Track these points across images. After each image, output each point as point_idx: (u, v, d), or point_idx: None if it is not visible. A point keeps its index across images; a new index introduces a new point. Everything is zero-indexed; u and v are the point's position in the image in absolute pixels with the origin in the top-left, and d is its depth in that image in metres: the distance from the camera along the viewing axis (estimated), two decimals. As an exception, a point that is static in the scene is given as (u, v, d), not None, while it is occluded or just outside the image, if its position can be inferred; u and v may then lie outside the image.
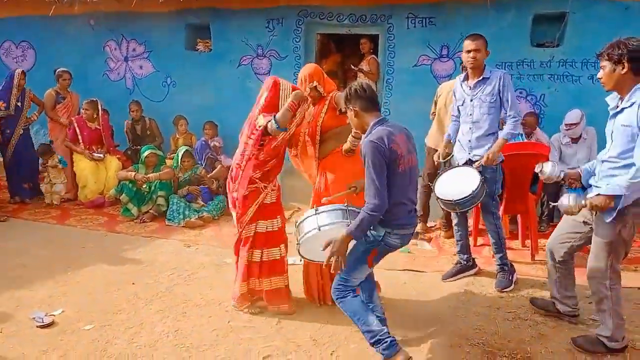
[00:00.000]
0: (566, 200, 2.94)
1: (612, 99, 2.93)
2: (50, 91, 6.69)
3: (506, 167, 4.13)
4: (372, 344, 2.79)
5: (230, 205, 3.59)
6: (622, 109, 2.80)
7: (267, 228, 3.52)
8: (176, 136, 7.16)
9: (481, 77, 3.85)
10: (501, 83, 3.80)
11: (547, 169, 3.13)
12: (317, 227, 2.88)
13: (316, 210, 2.96)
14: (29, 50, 8.24)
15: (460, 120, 4.05)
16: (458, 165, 3.99)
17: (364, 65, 6.94)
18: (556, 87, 6.10)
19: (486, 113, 3.87)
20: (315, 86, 3.53)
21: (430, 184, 4.02)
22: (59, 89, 6.72)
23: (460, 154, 4.05)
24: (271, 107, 3.38)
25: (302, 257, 3.05)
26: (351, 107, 2.84)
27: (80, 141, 6.45)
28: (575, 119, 5.25)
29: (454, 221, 4.19)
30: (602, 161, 2.93)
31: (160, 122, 7.29)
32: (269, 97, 3.40)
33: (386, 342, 2.75)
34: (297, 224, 3.03)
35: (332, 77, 7.67)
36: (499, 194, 4.04)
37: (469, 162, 3.94)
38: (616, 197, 2.76)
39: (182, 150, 6.21)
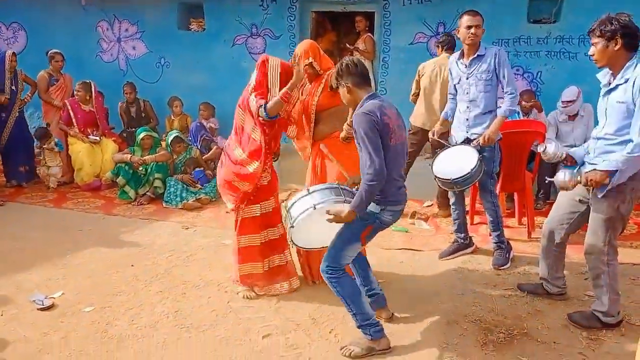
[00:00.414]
0: (562, 175, 2.93)
1: (603, 76, 2.93)
2: (43, 73, 6.60)
3: (503, 145, 4.12)
4: (361, 326, 2.83)
5: (220, 188, 3.57)
6: (617, 86, 2.79)
7: (262, 210, 3.52)
8: (171, 117, 7.11)
9: (476, 55, 3.81)
10: (497, 60, 3.76)
11: (551, 149, 3.09)
12: (312, 206, 2.75)
13: (308, 190, 2.87)
14: (20, 31, 8.11)
15: (457, 98, 4.03)
16: (456, 144, 3.98)
17: (360, 44, 6.87)
18: (553, 64, 6.07)
19: (482, 91, 3.83)
20: (311, 63, 3.48)
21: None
22: (51, 71, 6.63)
23: (458, 133, 4.04)
24: (261, 86, 3.33)
25: (294, 244, 2.95)
26: (343, 83, 2.81)
27: (75, 124, 6.38)
28: (572, 95, 5.22)
29: (451, 200, 4.20)
30: (597, 138, 2.92)
31: (155, 103, 7.23)
32: (258, 76, 3.35)
33: (378, 325, 2.85)
34: (287, 208, 2.89)
35: (328, 56, 7.61)
36: (496, 172, 4.04)
37: (467, 141, 3.92)
38: (611, 173, 2.76)
39: (171, 136, 6.14)
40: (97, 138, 6.39)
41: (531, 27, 6.09)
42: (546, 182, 3.22)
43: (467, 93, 3.90)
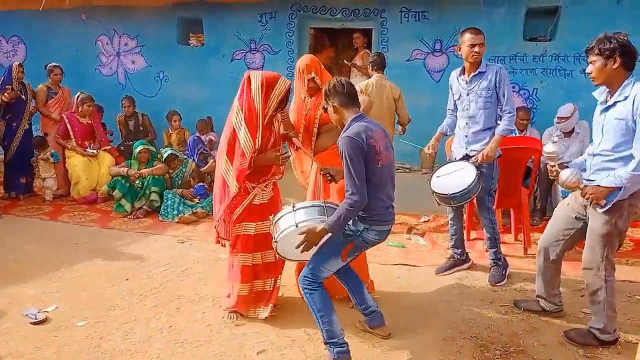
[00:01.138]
0: (569, 174, 2.90)
1: (599, 94, 2.95)
2: (42, 86, 6.63)
3: (499, 161, 4.14)
4: (327, 343, 2.81)
5: (214, 202, 3.44)
6: (615, 103, 2.82)
7: (255, 230, 3.33)
8: (169, 131, 7.13)
9: (477, 72, 3.83)
10: (498, 77, 3.77)
11: (550, 147, 3.09)
12: (294, 224, 2.79)
13: (293, 206, 2.90)
14: (20, 45, 8.18)
15: (458, 115, 4.04)
16: (455, 160, 3.99)
17: (358, 60, 6.94)
18: (549, 81, 6.12)
19: (482, 108, 3.84)
20: (313, 77, 3.52)
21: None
22: (50, 84, 6.66)
23: (457, 149, 4.05)
24: (250, 111, 3.18)
25: (279, 255, 2.96)
26: (330, 103, 2.84)
27: (72, 137, 6.40)
28: (567, 112, 5.26)
29: (449, 216, 4.20)
30: (594, 155, 2.94)
31: (153, 117, 7.27)
32: (246, 96, 3.20)
33: (343, 347, 2.80)
34: (273, 221, 2.93)
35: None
36: (494, 189, 4.05)
37: (466, 157, 3.93)
38: (613, 190, 2.78)
39: (165, 154, 6.14)
40: (95, 151, 6.40)
41: (527, 45, 6.17)
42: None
43: (467, 109, 3.91)
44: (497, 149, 3.87)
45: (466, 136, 3.95)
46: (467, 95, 3.89)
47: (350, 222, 2.80)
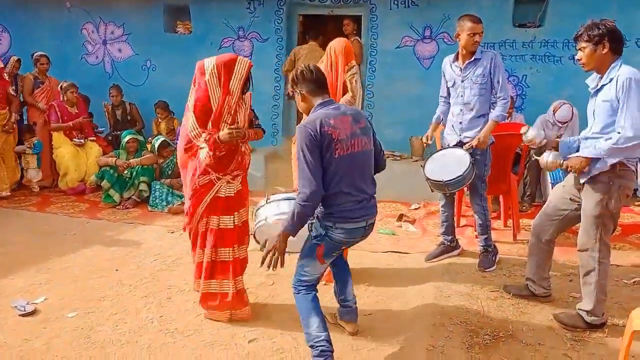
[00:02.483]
0: (546, 156, 3.05)
1: (591, 80, 3.00)
2: (29, 75, 6.54)
3: (491, 148, 4.14)
4: (310, 346, 2.66)
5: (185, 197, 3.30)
6: (602, 86, 2.88)
7: (219, 224, 3.13)
8: (158, 120, 7.06)
9: (472, 58, 3.81)
10: (492, 64, 3.77)
11: (530, 133, 3.25)
12: (264, 218, 2.86)
13: (267, 199, 2.90)
14: (4, 33, 8.01)
15: (451, 101, 4.03)
16: (448, 147, 3.99)
17: (347, 47, 6.88)
18: (538, 67, 6.13)
19: (477, 94, 3.83)
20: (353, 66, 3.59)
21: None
22: (37, 74, 6.58)
23: (450, 136, 4.04)
24: (202, 101, 3.05)
25: (258, 242, 2.91)
26: (298, 91, 2.70)
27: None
28: (567, 116, 5.29)
29: (440, 202, 4.21)
30: (585, 138, 2.99)
31: (141, 106, 7.19)
32: (200, 91, 3.08)
33: (317, 349, 2.59)
34: (254, 210, 2.96)
35: (315, 59, 7.60)
36: (487, 176, 4.05)
37: (460, 144, 3.93)
38: (593, 161, 2.86)
39: (157, 141, 6.10)
40: (82, 141, 6.33)
41: (516, 31, 6.15)
42: (532, 159, 3.30)
43: (462, 96, 3.90)
44: (491, 136, 3.88)
45: (460, 123, 3.94)
46: (462, 82, 3.88)
47: (315, 222, 2.66)
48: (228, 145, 3.03)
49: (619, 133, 2.76)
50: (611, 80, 2.81)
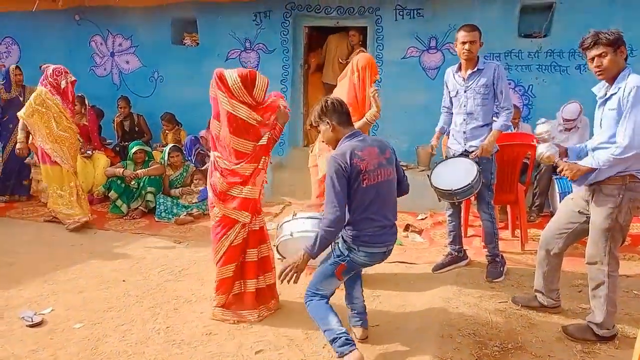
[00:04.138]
0: (545, 149, 3.05)
1: (598, 89, 2.97)
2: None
3: (496, 157, 4.14)
4: (330, 342, 2.75)
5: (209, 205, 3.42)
6: (611, 95, 2.85)
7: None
8: (165, 131, 7.10)
9: (475, 69, 3.83)
10: (496, 75, 3.78)
11: (541, 127, 3.33)
12: (289, 233, 3.14)
13: (294, 215, 3.09)
14: (13, 46, 8.14)
15: (454, 111, 4.03)
16: (454, 156, 3.99)
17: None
18: (544, 77, 6.13)
19: (480, 105, 3.85)
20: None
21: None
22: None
23: (455, 146, 4.04)
24: (239, 99, 3.15)
25: (281, 255, 3.14)
26: (327, 121, 2.81)
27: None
28: (574, 114, 5.28)
29: (447, 212, 4.20)
30: (593, 149, 2.96)
31: (148, 117, 7.25)
32: (228, 94, 3.15)
33: (341, 338, 2.69)
34: (279, 225, 3.24)
35: (320, 71, 7.65)
36: (493, 184, 4.05)
37: (465, 154, 3.93)
38: (590, 171, 2.85)
39: (169, 146, 6.14)
40: (90, 152, 6.37)
41: (522, 41, 6.16)
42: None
43: (465, 106, 3.91)
44: (495, 145, 3.88)
45: (464, 132, 3.95)
46: (465, 92, 3.89)
47: (339, 243, 2.81)
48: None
49: (617, 143, 2.74)
50: (619, 89, 2.78)
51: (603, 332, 2.99)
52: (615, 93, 2.81)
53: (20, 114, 5.21)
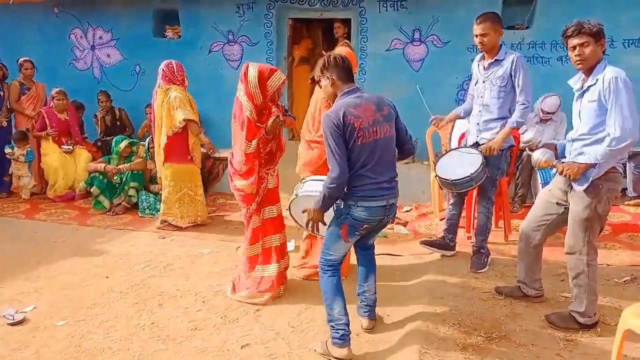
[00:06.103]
0: (539, 154, 3.06)
1: (574, 82, 3.01)
2: (15, 82, 6.46)
3: (511, 153, 4.13)
4: (329, 321, 2.87)
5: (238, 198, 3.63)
6: (589, 87, 2.87)
7: (269, 214, 3.62)
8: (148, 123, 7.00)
9: (494, 59, 3.76)
10: (513, 66, 3.68)
11: (527, 135, 3.35)
12: (295, 194, 3.16)
13: (303, 180, 3.21)
14: (-10, 40, 7.95)
15: (474, 101, 3.98)
16: (465, 146, 3.99)
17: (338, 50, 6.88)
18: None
19: (496, 97, 3.77)
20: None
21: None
22: (22, 80, 6.50)
23: (469, 136, 4.03)
24: (250, 97, 3.38)
25: (292, 217, 3.25)
26: (328, 76, 2.82)
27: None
28: (554, 107, 5.33)
29: (450, 201, 4.19)
30: (572, 140, 2.99)
31: (130, 111, 7.14)
32: (245, 88, 3.40)
33: (338, 332, 2.80)
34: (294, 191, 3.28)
35: (304, 64, 7.62)
36: (498, 179, 4.01)
37: (476, 144, 3.92)
38: (589, 167, 2.85)
39: (147, 138, 6.03)
40: (70, 147, 6.26)
41: (505, 33, 6.14)
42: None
43: (482, 97, 3.87)
44: (510, 138, 3.83)
45: (478, 124, 3.92)
46: (483, 82, 3.85)
47: (339, 202, 2.83)
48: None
49: (610, 136, 2.75)
50: (597, 81, 2.81)
51: (585, 320, 3.04)
52: (594, 84, 2.83)
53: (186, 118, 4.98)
